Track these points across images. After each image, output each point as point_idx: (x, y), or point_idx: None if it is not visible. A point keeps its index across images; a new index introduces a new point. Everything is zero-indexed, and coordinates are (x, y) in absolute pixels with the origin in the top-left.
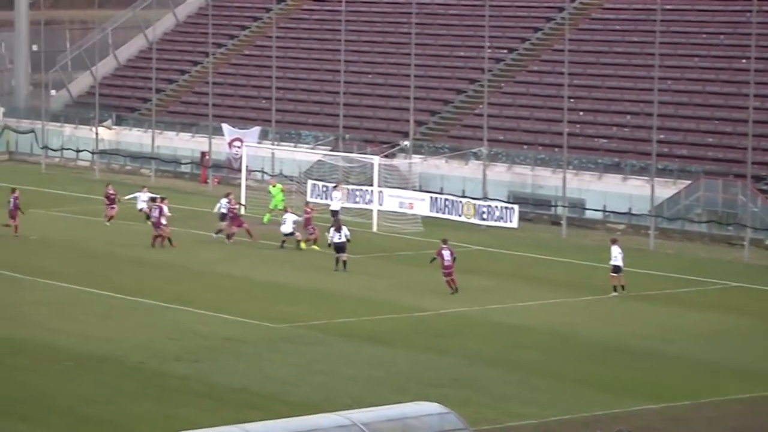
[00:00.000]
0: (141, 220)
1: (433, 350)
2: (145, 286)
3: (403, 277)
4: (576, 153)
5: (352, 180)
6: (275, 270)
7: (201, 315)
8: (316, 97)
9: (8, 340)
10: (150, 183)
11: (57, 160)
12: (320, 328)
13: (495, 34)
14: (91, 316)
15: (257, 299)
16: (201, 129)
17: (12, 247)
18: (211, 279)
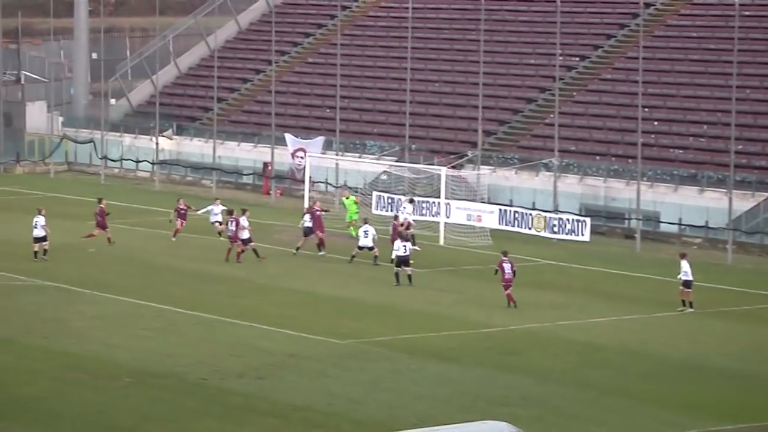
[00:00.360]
0: (203, 232)
1: (502, 368)
2: (206, 300)
3: (471, 291)
4: (650, 164)
5: (419, 192)
6: (340, 284)
7: (264, 330)
8: (382, 106)
9: (67, 355)
10: (211, 194)
11: (116, 171)
12: (385, 344)
13: (567, 41)
14: (151, 331)
15: (321, 314)
16: (263, 139)
17: (70, 261)
18: (274, 293)
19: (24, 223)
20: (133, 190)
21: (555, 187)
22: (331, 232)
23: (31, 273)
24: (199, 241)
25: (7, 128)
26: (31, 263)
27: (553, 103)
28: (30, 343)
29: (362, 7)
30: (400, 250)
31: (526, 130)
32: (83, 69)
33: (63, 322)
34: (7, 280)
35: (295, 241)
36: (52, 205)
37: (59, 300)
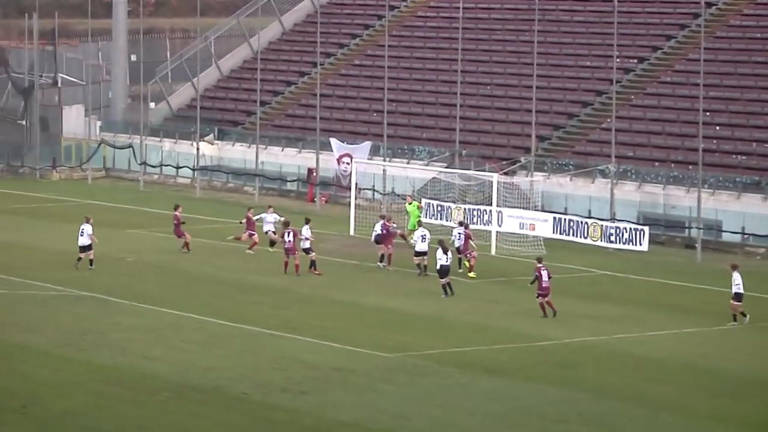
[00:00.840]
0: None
1: (556, 382)
2: (248, 311)
3: (524, 303)
4: (712, 171)
5: (469, 199)
6: (386, 295)
7: (308, 343)
8: (431, 110)
9: (105, 368)
10: (254, 202)
11: (156, 177)
12: (434, 357)
13: (624, 42)
14: (191, 343)
15: (367, 326)
16: (308, 144)
17: (108, 270)
18: (318, 304)
19: (60, 231)
20: (173, 197)
21: (612, 195)
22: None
23: (67, 283)
24: (241, 249)
25: (43, 133)
26: (68, 272)
27: (610, 106)
28: (66, 355)
29: (411, 7)
30: (443, 260)
31: (581, 134)
32: (122, 71)
33: (100, 333)
34: (43, 290)
35: (340, 250)
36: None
37: (96, 311)
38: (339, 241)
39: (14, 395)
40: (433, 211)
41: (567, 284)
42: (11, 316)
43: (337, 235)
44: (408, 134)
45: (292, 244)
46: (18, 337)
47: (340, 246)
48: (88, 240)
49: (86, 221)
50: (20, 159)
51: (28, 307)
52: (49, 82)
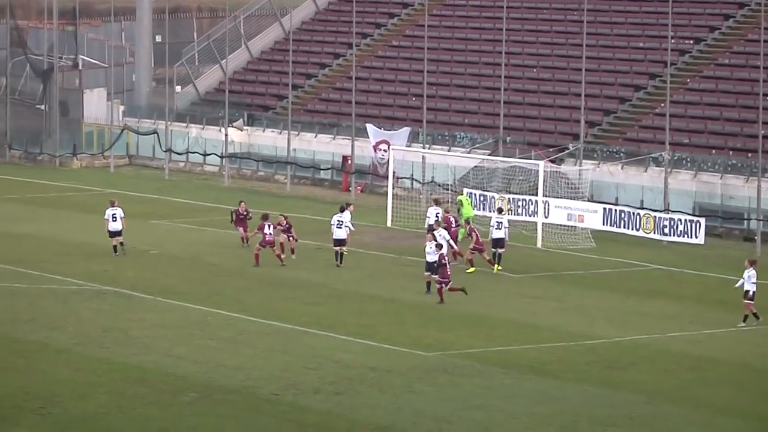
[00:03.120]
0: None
1: (606, 384)
2: (279, 307)
3: (572, 299)
4: None
5: (514, 189)
6: (424, 290)
7: (342, 341)
8: (474, 94)
9: (127, 367)
10: (285, 191)
11: (181, 165)
12: (477, 357)
13: (679, 22)
14: (219, 341)
15: (405, 324)
16: (343, 130)
17: (131, 264)
18: (353, 300)
19: (81, 222)
20: (200, 186)
21: (666, 184)
22: (417, 233)
23: (88, 277)
24: None
25: (63, 118)
26: (89, 265)
27: (663, 91)
28: (87, 353)
29: None
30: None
31: (633, 120)
32: (146, 53)
33: (123, 330)
34: (62, 284)
35: (376, 243)
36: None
37: (119, 306)
38: (375, 233)
39: (32, 396)
40: (476, 201)
41: (618, 279)
42: (29, 312)
43: (373, 227)
44: (449, 120)
45: (271, 237)
46: (37, 335)
47: (377, 238)
48: (121, 224)
49: (112, 205)
50: (39, 146)
51: (47, 303)
52: (69, 64)
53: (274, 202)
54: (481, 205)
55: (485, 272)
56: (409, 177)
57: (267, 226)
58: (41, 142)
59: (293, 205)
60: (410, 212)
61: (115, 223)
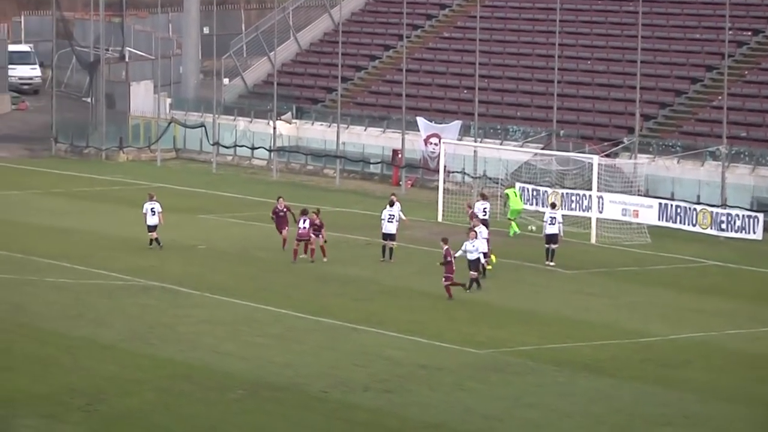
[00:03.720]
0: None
1: (661, 382)
2: (328, 304)
3: (627, 296)
4: None
5: (568, 183)
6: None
7: (392, 338)
8: (526, 86)
9: (174, 363)
10: (335, 185)
11: (229, 159)
12: (529, 354)
13: (737, 13)
14: (267, 338)
15: (457, 320)
16: (393, 123)
17: (177, 259)
18: (403, 296)
19: (127, 216)
20: (248, 180)
21: (723, 179)
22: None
23: (134, 272)
24: None
25: (109, 111)
26: (135, 260)
27: (720, 83)
28: (133, 350)
29: None
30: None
31: (690, 113)
32: (194, 45)
33: (169, 327)
34: (108, 279)
35: (427, 238)
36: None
37: (165, 302)
38: (426, 228)
39: (78, 392)
40: (528, 195)
41: (673, 275)
42: (75, 308)
43: (423, 222)
44: (501, 113)
45: (305, 230)
46: (82, 331)
47: (427, 233)
48: (157, 219)
49: (151, 198)
50: (85, 139)
51: (92, 298)
52: (115, 56)
53: (323, 197)
54: (534, 199)
55: (538, 268)
56: (461, 171)
57: (303, 221)
58: (87, 135)
59: (342, 199)
60: (461, 207)
61: (153, 217)
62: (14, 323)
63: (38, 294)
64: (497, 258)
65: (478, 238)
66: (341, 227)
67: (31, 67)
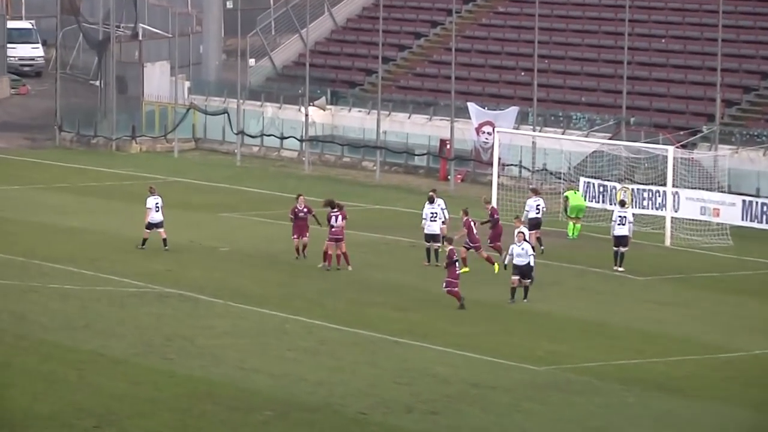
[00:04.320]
0: (360, 227)
1: (746, 403)
2: (367, 314)
3: (705, 306)
4: None
5: (638, 178)
6: (536, 295)
7: (439, 352)
8: (592, 68)
9: (193, 380)
10: (374, 180)
11: (255, 150)
12: (595, 371)
13: None
14: (298, 352)
15: (513, 333)
16: (440, 110)
17: (197, 263)
18: (452, 306)
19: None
20: (277, 173)
21: None
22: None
23: (148, 277)
24: (359, 237)
25: (120, 96)
26: (150, 264)
27: None
28: (147, 365)
29: None
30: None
31: None
32: (215, 21)
33: (188, 339)
34: (119, 285)
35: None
36: (176, 193)
37: (184, 311)
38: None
39: (86, 412)
40: (594, 192)
41: (759, 282)
42: (83, 318)
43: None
44: (563, 98)
45: (341, 228)
46: (91, 343)
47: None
48: (161, 215)
49: (152, 192)
50: (93, 127)
51: (102, 307)
52: (127, 34)
53: (361, 193)
54: (600, 196)
55: (605, 274)
56: (517, 164)
57: (335, 218)
58: (95, 123)
59: (383, 196)
60: (518, 205)
61: (158, 213)
62: (14, 335)
63: (41, 302)
64: (500, 267)
65: (527, 239)
66: (381, 227)
67: (32, 47)
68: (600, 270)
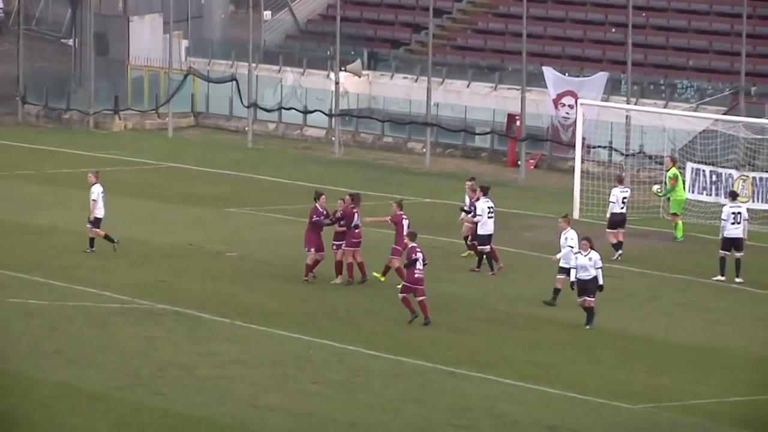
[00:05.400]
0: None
1: None
2: (414, 336)
3: None
4: None
5: (761, 163)
6: (629, 312)
7: (507, 386)
8: (702, 23)
9: (194, 421)
10: (423, 166)
11: (271, 127)
12: (705, 410)
13: None
14: (326, 385)
15: (601, 361)
16: (508, 76)
17: (197, 271)
18: (524, 327)
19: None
20: (299, 157)
21: None
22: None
23: (135, 290)
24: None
25: (100, 58)
26: (137, 273)
27: None
28: (135, 401)
29: None
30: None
31: None
32: None
33: (186, 369)
34: (99, 300)
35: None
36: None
37: (180, 334)
38: (555, 229)
39: None
40: (704, 181)
41: None
42: (52, 342)
43: (552, 219)
44: (665, 61)
45: (359, 231)
46: (63, 374)
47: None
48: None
49: (95, 178)
50: (65, 99)
51: (77, 328)
52: None
53: (407, 183)
54: (713, 187)
55: (717, 286)
56: (606, 145)
57: (357, 216)
58: (68, 93)
59: (434, 186)
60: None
61: (102, 209)
62: None
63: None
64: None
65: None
66: (432, 227)
67: None
68: (709, 281)
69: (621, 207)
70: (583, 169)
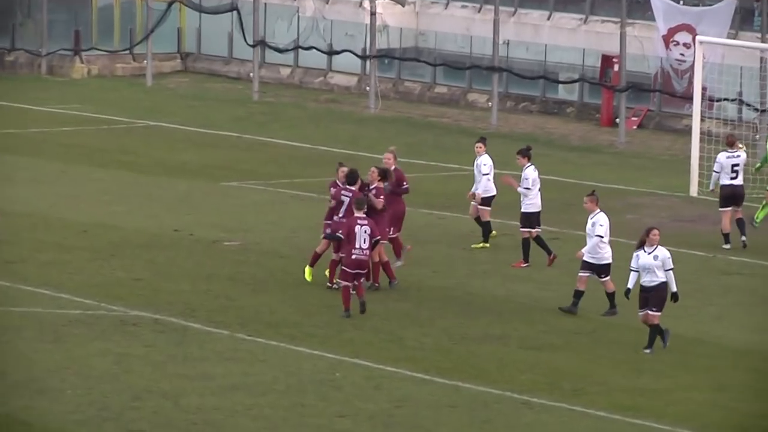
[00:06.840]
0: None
1: None
2: (475, 354)
3: None
4: None
5: None
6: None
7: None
8: None
9: None
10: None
11: (284, 73)
12: None
13: None
14: (357, 418)
15: (725, 389)
16: (601, 4)
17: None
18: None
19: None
20: (321, 113)
21: None
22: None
23: (103, 292)
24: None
25: None
26: (106, 269)
27: None
28: None
29: None
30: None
31: None
32: None
33: (170, 397)
34: (57, 304)
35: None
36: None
37: (162, 349)
38: (669, 209)
39: None
40: None
41: None
42: None
43: (663, 197)
44: None
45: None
46: (6, 404)
47: (670, 218)
48: None
49: None
50: (9, 36)
51: (25, 342)
52: None
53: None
54: None
55: None
56: (735, 99)
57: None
58: (12, 28)
59: (504, 150)
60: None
61: None
62: None
63: None
64: None
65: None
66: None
67: None
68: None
69: (731, 177)
70: (704, 129)
